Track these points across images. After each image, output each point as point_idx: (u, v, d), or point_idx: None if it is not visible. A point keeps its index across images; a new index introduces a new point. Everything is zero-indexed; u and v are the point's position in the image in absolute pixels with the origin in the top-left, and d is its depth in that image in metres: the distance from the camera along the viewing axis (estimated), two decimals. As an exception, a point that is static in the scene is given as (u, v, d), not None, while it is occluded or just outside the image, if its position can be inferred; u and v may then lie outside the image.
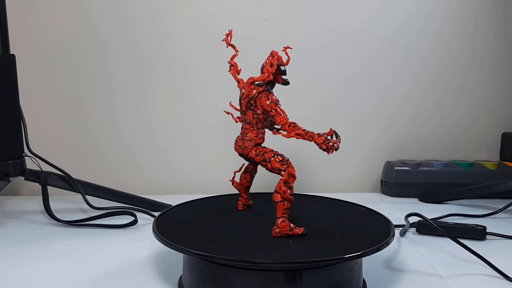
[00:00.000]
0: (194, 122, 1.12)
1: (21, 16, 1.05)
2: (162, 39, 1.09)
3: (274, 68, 0.62)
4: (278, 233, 0.59)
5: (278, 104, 0.61)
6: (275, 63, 0.62)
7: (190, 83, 1.11)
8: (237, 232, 0.61)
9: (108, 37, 1.08)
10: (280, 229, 0.59)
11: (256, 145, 0.63)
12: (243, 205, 0.72)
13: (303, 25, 1.11)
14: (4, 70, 0.85)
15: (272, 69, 0.62)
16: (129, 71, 1.10)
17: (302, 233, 0.59)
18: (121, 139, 1.12)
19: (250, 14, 1.09)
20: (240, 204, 0.72)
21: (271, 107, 0.61)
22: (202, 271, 0.57)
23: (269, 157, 0.61)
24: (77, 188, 0.91)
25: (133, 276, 0.65)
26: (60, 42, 1.07)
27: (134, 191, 1.00)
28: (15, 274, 0.66)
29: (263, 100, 0.62)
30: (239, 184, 0.71)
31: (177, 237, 0.57)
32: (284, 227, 0.59)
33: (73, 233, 0.84)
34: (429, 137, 1.18)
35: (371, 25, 1.13)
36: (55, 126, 1.10)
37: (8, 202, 1.03)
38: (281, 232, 0.59)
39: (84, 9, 1.07)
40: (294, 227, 0.60)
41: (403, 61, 1.15)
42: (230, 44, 0.66)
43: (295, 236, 0.59)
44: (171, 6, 1.08)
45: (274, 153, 0.61)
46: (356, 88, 1.15)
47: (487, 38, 1.16)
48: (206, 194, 0.83)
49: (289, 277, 0.52)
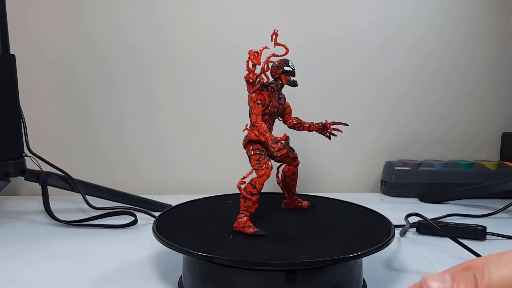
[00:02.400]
0: (195, 122, 1.12)
1: (21, 16, 1.05)
2: (162, 41, 1.09)
3: (254, 67, 0.64)
4: (235, 227, 0.61)
5: (257, 102, 0.63)
6: (255, 62, 0.63)
7: (191, 83, 1.11)
8: (237, 232, 0.61)
9: (108, 38, 1.08)
10: (236, 224, 0.61)
11: (248, 142, 0.64)
12: (285, 204, 0.73)
13: (301, 26, 1.11)
14: (4, 70, 0.85)
15: (253, 68, 0.64)
16: (130, 71, 1.10)
17: (251, 233, 0.60)
18: (121, 139, 1.12)
19: (247, 23, 1.09)
20: (283, 203, 0.73)
21: (250, 105, 0.63)
22: (202, 271, 0.57)
23: (250, 155, 0.62)
24: (77, 188, 0.91)
25: (133, 276, 0.65)
26: (60, 42, 1.07)
27: (134, 191, 1.00)
28: (15, 274, 0.66)
29: (248, 98, 0.64)
30: (280, 181, 0.72)
31: (177, 237, 0.57)
32: (239, 224, 0.61)
33: (73, 233, 0.84)
34: (429, 137, 1.18)
35: (371, 26, 1.13)
36: (55, 126, 1.10)
37: (8, 202, 1.03)
38: (237, 227, 0.61)
39: (83, 10, 1.07)
40: (248, 226, 0.60)
41: (402, 61, 1.15)
42: (278, 43, 0.67)
43: (295, 236, 0.59)
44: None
45: (255, 152, 0.62)
46: (356, 88, 1.15)
47: (487, 38, 1.16)
48: (206, 194, 0.82)
49: (289, 277, 0.52)
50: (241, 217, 0.61)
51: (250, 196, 0.60)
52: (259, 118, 0.62)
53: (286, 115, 0.69)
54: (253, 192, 0.60)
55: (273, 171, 0.70)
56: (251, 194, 0.60)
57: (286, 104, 0.68)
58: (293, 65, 0.64)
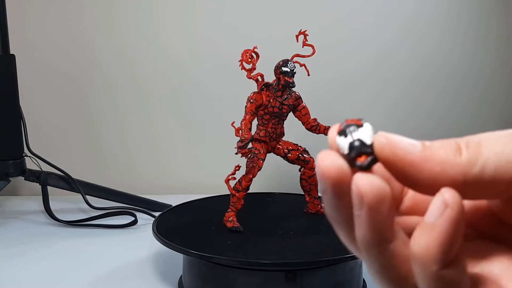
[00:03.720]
0: (195, 122, 1.12)
1: (21, 16, 1.05)
2: (161, 42, 1.09)
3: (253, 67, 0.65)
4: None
5: (250, 101, 0.65)
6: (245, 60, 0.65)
7: (191, 83, 1.11)
8: (237, 232, 0.61)
9: (108, 38, 1.08)
10: (224, 218, 0.64)
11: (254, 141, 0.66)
12: (307, 208, 0.70)
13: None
14: (4, 70, 0.85)
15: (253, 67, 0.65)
16: (130, 71, 1.10)
17: (229, 228, 0.62)
18: (121, 139, 1.12)
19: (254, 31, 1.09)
20: (306, 208, 0.71)
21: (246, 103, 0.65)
22: (202, 271, 0.57)
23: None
24: (77, 188, 0.91)
25: (133, 276, 0.65)
26: (60, 42, 1.07)
27: (134, 191, 1.00)
28: (15, 274, 0.66)
29: None
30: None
31: (177, 237, 0.58)
32: (225, 218, 0.63)
33: (73, 233, 0.84)
34: (429, 136, 1.18)
35: (370, 27, 1.13)
36: (55, 126, 1.10)
37: (8, 202, 1.03)
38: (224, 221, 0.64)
39: (84, 10, 1.07)
40: (229, 221, 0.63)
41: (402, 61, 1.15)
42: (307, 44, 0.67)
43: (295, 235, 0.59)
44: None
45: (250, 150, 0.64)
46: (354, 88, 1.15)
47: (487, 38, 1.16)
48: (206, 194, 0.83)
49: (289, 277, 0.52)
50: (228, 211, 0.64)
51: (235, 192, 0.63)
52: (247, 116, 0.64)
53: (302, 117, 0.68)
54: (238, 189, 0.63)
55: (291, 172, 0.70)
56: (236, 190, 0.63)
57: (301, 105, 0.68)
58: (292, 66, 0.64)
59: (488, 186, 0.21)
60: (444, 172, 0.21)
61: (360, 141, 0.22)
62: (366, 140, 0.22)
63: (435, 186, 0.21)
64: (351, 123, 0.23)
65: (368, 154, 0.22)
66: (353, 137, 0.22)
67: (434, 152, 0.22)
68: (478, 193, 0.21)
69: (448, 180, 0.21)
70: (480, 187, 0.21)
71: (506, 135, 0.22)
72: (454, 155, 0.21)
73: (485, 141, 0.22)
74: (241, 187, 0.62)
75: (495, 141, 0.22)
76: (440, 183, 0.21)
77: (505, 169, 0.21)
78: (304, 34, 0.66)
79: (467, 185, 0.21)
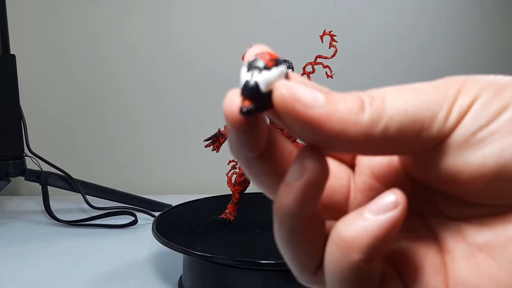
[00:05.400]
0: (195, 121, 1.12)
1: (21, 16, 1.05)
2: (168, 38, 1.09)
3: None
4: None
5: None
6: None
7: (191, 83, 1.11)
8: (237, 232, 0.61)
9: (108, 38, 1.08)
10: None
11: None
12: None
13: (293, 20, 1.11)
14: (4, 70, 0.85)
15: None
16: (129, 71, 1.10)
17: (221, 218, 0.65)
18: (121, 139, 1.12)
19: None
20: None
21: None
22: (202, 271, 0.57)
23: None
24: (77, 188, 0.91)
25: (133, 276, 0.65)
26: (60, 42, 1.07)
27: (134, 191, 1.00)
28: (15, 274, 0.66)
29: None
30: None
31: (177, 237, 0.57)
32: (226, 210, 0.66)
33: (73, 233, 0.84)
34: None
35: (370, 26, 1.13)
36: (55, 126, 1.10)
37: (8, 202, 1.03)
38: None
39: (83, 10, 1.07)
40: (225, 213, 0.65)
41: (401, 60, 1.15)
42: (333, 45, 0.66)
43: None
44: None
45: None
46: (353, 88, 1.15)
47: (488, 37, 1.16)
48: (206, 194, 0.82)
49: (289, 277, 0.52)
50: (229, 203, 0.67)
51: (231, 186, 0.67)
52: None
53: None
54: (238, 181, 0.66)
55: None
56: (234, 184, 0.66)
57: None
58: (290, 64, 0.64)
59: (389, 145, 0.20)
60: (343, 133, 0.19)
61: (255, 84, 0.19)
62: (262, 86, 0.19)
63: (334, 146, 0.20)
64: (260, 60, 0.19)
65: (258, 101, 0.19)
66: (253, 76, 0.19)
67: (337, 108, 0.19)
68: (378, 150, 0.20)
69: (347, 141, 0.19)
70: (381, 145, 0.20)
71: (412, 90, 0.20)
72: (357, 112, 0.19)
73: (390, 97, 0.20)
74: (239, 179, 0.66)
75: (400, 97, 0.20)
76: (339, 143, 0.19)
77: (407, 129, 0.19)
78: (330, 35, 0.64)
79: (367, 144, 0.19)
